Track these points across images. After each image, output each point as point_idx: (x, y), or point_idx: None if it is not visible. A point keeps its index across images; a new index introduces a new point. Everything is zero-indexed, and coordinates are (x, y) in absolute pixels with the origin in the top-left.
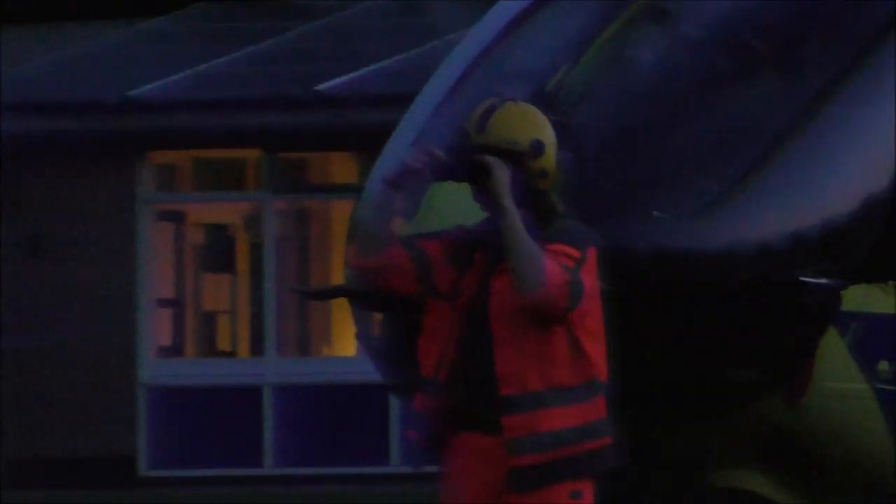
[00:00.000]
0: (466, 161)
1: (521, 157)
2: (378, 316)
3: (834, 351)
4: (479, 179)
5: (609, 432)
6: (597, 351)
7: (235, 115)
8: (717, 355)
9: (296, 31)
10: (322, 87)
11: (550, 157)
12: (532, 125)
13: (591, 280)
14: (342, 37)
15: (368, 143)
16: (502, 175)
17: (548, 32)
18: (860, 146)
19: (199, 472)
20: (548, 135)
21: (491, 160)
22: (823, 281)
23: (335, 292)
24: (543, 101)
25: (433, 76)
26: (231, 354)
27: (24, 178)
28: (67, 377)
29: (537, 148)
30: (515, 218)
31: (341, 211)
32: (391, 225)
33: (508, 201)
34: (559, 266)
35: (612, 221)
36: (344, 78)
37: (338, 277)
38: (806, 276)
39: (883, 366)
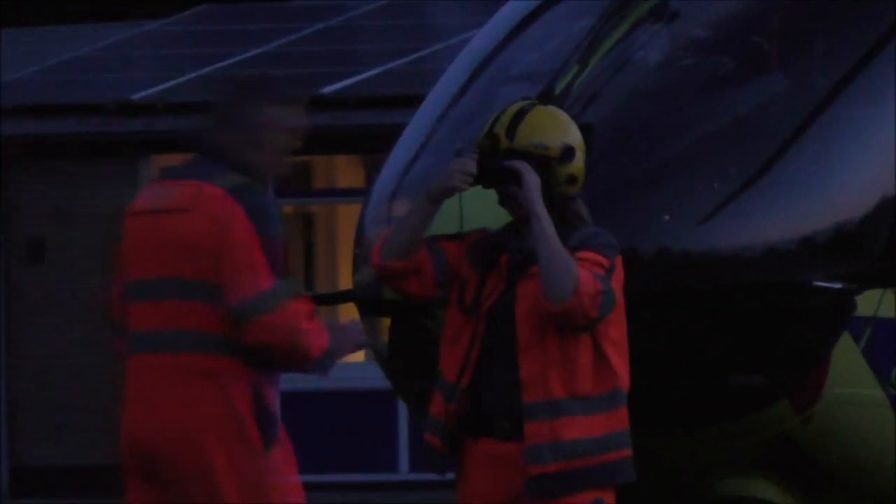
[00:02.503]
0: (498, 167)
1: (550, 162)
2: (386, 321)
3: (847, 357)
4: (509, 185)
5: (629, 445)
6: (620, 361)
7: None
8: (726, 361)
9: (298, 33)
10: (326, 90)
11: (580, 162)
12: (562, 129)
13: (618, 289)
14: (345, 39)
15: (374, 147)
16: (534, 181)
17: (555, 34)
18: (870, 147)
19: None
20: (578, 140)
21: (523, 166)
22: (836, 285)
23: (342, 297)
24: (552, 103)
25: (441, 79)
26: None
27: (24, 181)
28: (67, 383)
29: (568, 153)
30: (549, 225)
31: (347, 214)
32: (422, 232)
33: (541, 208)
34: (591, 275)
35: (618, 223)
36: (348, 81)
37: (345, 282)
38: (817, 280)
39: None
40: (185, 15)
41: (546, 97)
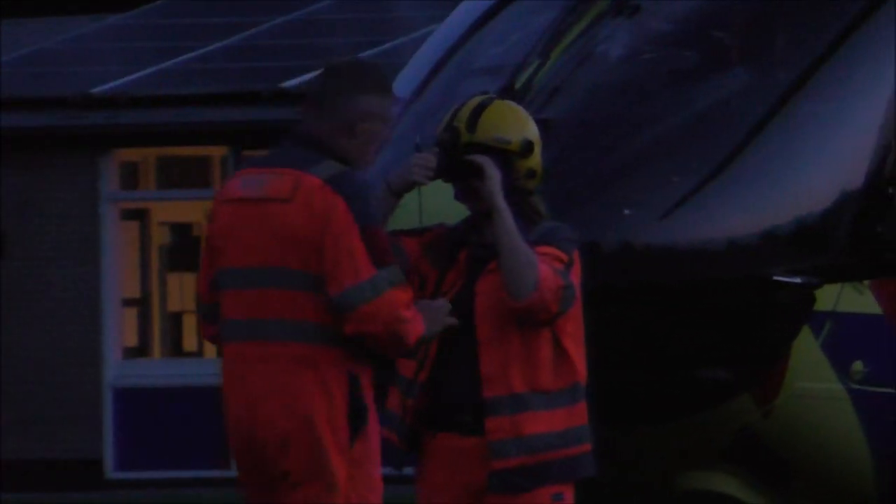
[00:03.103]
0: (459, 161)
1: (510, 156)
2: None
3: (807, 351)
4: (471, 180)
5: (589, 439)
6: (578, 355)
7: (200, 112)
8: (687, 354)
9: (261, 27)
10: (288, 83)
11: (538, 156)
12: (522, 124)
13: (577, 283)
14: (307, 33)
15: None
16: (495, 175)
17: (517, 28)
18: (832, 142)
19: (165, 474)
20: (535, 134)
21: (485, 160)
22: (796, 279)
23: None
24: (513, 97)
25: (402, 72)
26: (197, 355)
27: None
28: (31, 378)
29: (527, 147)
30: (509, 219)
31: None
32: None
33: (502, 202)
34: (552, 270)
35: (580, 217)
36: (311, 74)
37: None
38: (778, 275)
39: (857, 366)
40: (148, 8)
41: (507, 91)
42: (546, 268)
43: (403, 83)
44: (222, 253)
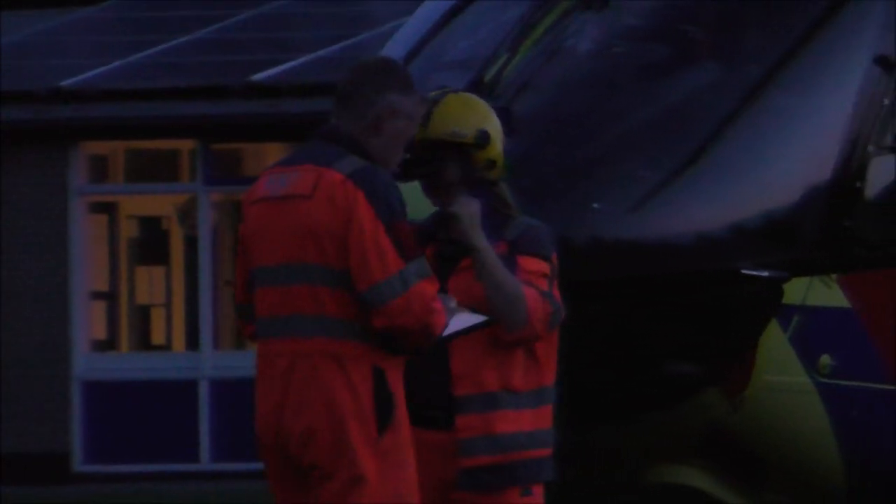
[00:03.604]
0: (434, 215)
1: (466, 148)
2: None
3: (775, 344)
4: (448, 227)
5: (551, 444)
6: (549, 358)
7: (169, 105)
8: (656, 348)
9: (230, 20)
10: (257, 77)
11: (496, 146)
12: (476, 115)
13: (557, 292)
14: (277, 26)
15: (304, 134)
16: (470, 216)
17: (486, 22)
18: (800, 136)
19: (134, 468)
20: (493, 124)
21: (456, 207)
22: (764, 273)
23: None
24: (482, 90)
25: None
26: (166, 348)
27: None
28: None
29: (483, 138)
30: (491, 255)
31: None
32: None
33: (481, 241)
34: (539, 296)
35: (549, 211)
36: (279, 68)
37: None
38: (746, 268)
39: (825, 360)
40: (116, 1)
41: (477, 85)
42: (533, 295)
43: None
44: (253, 253)
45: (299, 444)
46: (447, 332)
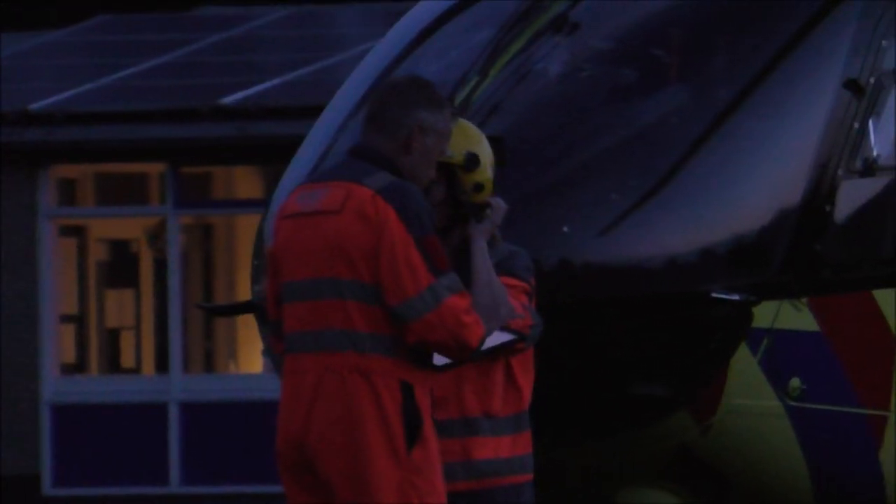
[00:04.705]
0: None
1: (455, 170)
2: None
3: (745, 367)
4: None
5: (531, 469)
6: (527, 382)
7: (138, 128)
8: (625, 370)
9: (198, 43)
10: (226, 100)
11: (486, 170)
12: (466, 138)
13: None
14: (245, 49)
15: (273, 157)
16: (500, 210)
17: (456, 45)
18: (770, 160)
19: (103, 491)
20: (483, 149)
21: (494, 201)
22: (734, 296)
23: (241, 308)
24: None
25: (340, 90)
26: (135, 371)
27: None
28: None
29: (471, 161)
30: (486, 255)
31: (246, 225)
32: None
33: (482, 242)
34: (522, 307)
35: (519, 234)
36: (248, 91)
37: (244, 293)
38: (716, 291)
39: (795, 383)
40: (85, 25)
41: None
42: (516, 304)
43: (343, 99)
44: (282, 268)
45: (324, 460)
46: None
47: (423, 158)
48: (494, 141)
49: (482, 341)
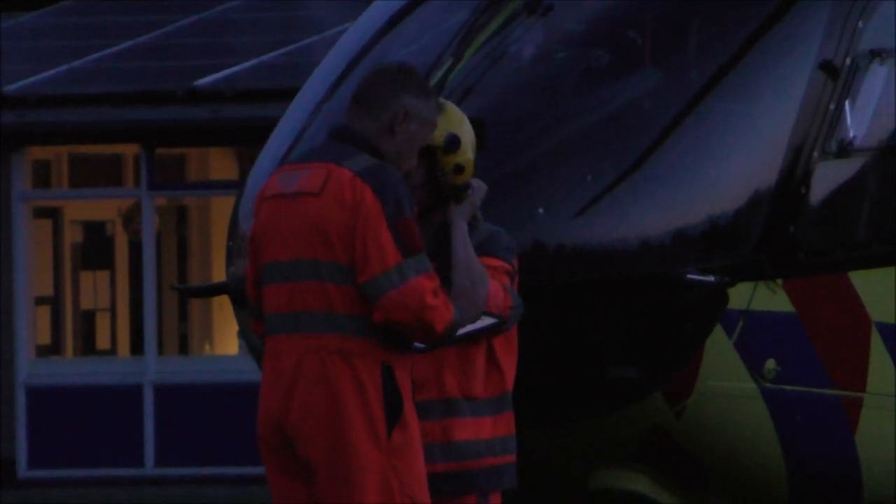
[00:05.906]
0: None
1: (435, 151)
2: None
3: (719, 349)
4: (458, 187)
5: (514, 450)
6: (509, 365)
7: (112, 110)
8: (599, 353)
9: (172, 25)
10: (200, 82)
11: (466, 152)
12: (447, 119)
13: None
14: (219, 32)
15: (248, 139)
16: (481, 190)
17: (430, 27)
18: (745, 142)
19: (79, 473)
20: (465, 130)
21: (475, 182)
22: (709, 278)
23: (216, 290)
24: None
25: (315, 72)
26: (111, 353)
27: None
28: None
29: (452, 142)
30: (466, 238)
31: (221, 207)
32: None
33: (463, 222)
34: (502, 288)
35: (494, 216)
36: (221, 73)
37: (219, 275)
38: (691, 273)
39: (770, 365)
40: (59, 7)
41: None
42: (496, 285)
43: (316, 82)
44: (263, 249)
45: (304, 442)
46: (460, 332)
47: (405, 144)
48: (475, 123)
49: (452, 326)
